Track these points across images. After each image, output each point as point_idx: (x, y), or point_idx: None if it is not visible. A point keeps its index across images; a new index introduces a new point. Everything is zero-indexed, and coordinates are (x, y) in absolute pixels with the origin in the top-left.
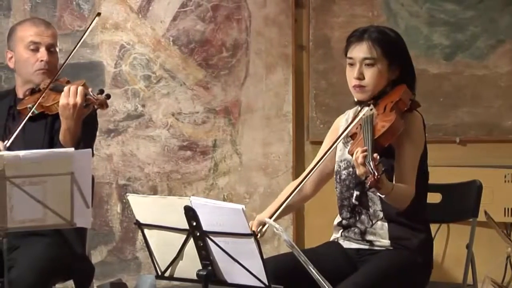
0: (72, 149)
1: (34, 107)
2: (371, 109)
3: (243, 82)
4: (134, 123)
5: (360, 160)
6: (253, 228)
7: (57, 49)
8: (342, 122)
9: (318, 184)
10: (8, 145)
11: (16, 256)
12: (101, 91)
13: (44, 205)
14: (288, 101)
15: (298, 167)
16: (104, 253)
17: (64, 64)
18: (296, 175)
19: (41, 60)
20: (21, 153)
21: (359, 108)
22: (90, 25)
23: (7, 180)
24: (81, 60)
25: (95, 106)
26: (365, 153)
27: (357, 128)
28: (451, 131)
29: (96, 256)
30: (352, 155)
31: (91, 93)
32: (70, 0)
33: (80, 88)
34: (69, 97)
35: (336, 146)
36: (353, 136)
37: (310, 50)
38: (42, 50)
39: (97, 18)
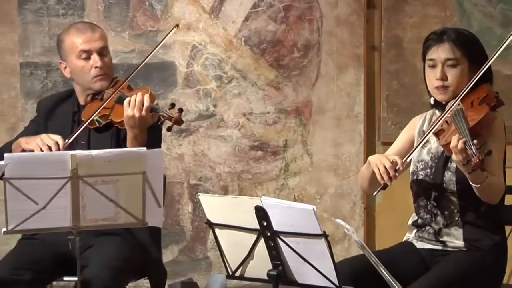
0: (144, 148)
1: (97, 116)
2: (458, 104)
3: (314, 83)
4: (205, 123)
5: (460, 145)
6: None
7: (109, 49)
8: (419, 122)
9: None
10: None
11: (90, 255)
12: (173, 105)
13: (116, 204)
14: (359, 102)
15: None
16: (175, 253)
17: (127, 78)
18: None
19: (96, 67)
20: (94, 152)
21: (437, 112)
22: (166, 35)
23: (80, 179)
24: (154, 60)
25: (171, 123)
26: (464, 139)
27: (442, 126)
28: None
29: (167, 255)
30: (444, 147)
31: (163, 110)
32: (143, 1)
33: (145, 102)
34: (134, 109)
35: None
36: (439, 133)
37: (382, 50)
38: (94, 56)
39: (174, 29)
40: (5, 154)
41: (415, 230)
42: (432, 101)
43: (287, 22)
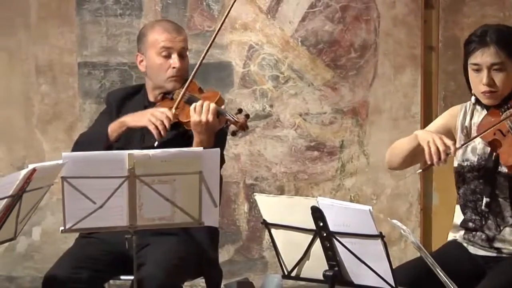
0: (201, 148)
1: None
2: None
3: (371, 83)
4: (262, 123)
5: None
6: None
7: (187, 52)
8: (460, 114)
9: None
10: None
11: (146, 254)
12: (240, 111)
13: (173, 204)
14: (416, 102)
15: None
16: (231, 252)
17: (194, 73)
18: (423, 176)
19: (173, 67)
20: (151, 152)
21: (478, 107)
22: (220, 26)
23: (137, 179)
24: (211, 60)
25: (236, 127)
26: None
27: (495, 134)
28: None
29: (223, 255)
30: (509, 168)
31: (230, 115)
32: (200, 1)
33: (212, 106)
34: (201, 114)
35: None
36: (495, 144)
37: (439, 51)
38: (174, 56)
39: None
40: (63, 154)
41: (462, 231)
42: (473, 100)
43: (344, 22)
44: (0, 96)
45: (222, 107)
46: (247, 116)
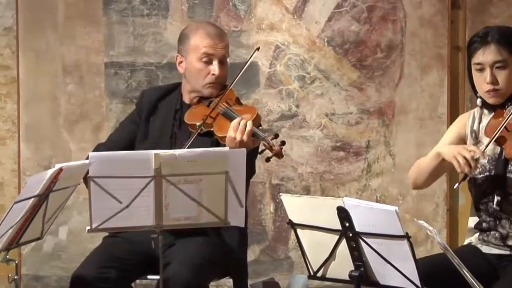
0: (227, 148)
1: (202, 125)
2: None
3: (397, 83)
4: (288, 123)
5: None
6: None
7: (228, 59)
8: (469, 121)
9: None
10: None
11: (172, 254)
12: (276, 136)
13: (199, 204)
14: (442, 103)
15: (453, 169)
16: (257, 252)
17: (231, 85)
18: (450, 177)
19: (213, 74)
20: (177, 152)
21: (485, 111)
22: (250, 57)
23: (163, 179)
24: (237, 60)
25: (271, 154)
26: None
27: (501, 132)
28: None
29: (249, 255)
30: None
31: (266, 139)
32: (226, 1)
33: (249, 127)
34: (237, 132)
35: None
36: (501, 141)
37: (466, 51)
38: (215, 63)
39: (256, 52)
40: (90, 154)
41: (477, 233)
42: (479, 103)
43: (371, 22)
44: (27, 95)
45: (260, 128)
46: (283, 143)
